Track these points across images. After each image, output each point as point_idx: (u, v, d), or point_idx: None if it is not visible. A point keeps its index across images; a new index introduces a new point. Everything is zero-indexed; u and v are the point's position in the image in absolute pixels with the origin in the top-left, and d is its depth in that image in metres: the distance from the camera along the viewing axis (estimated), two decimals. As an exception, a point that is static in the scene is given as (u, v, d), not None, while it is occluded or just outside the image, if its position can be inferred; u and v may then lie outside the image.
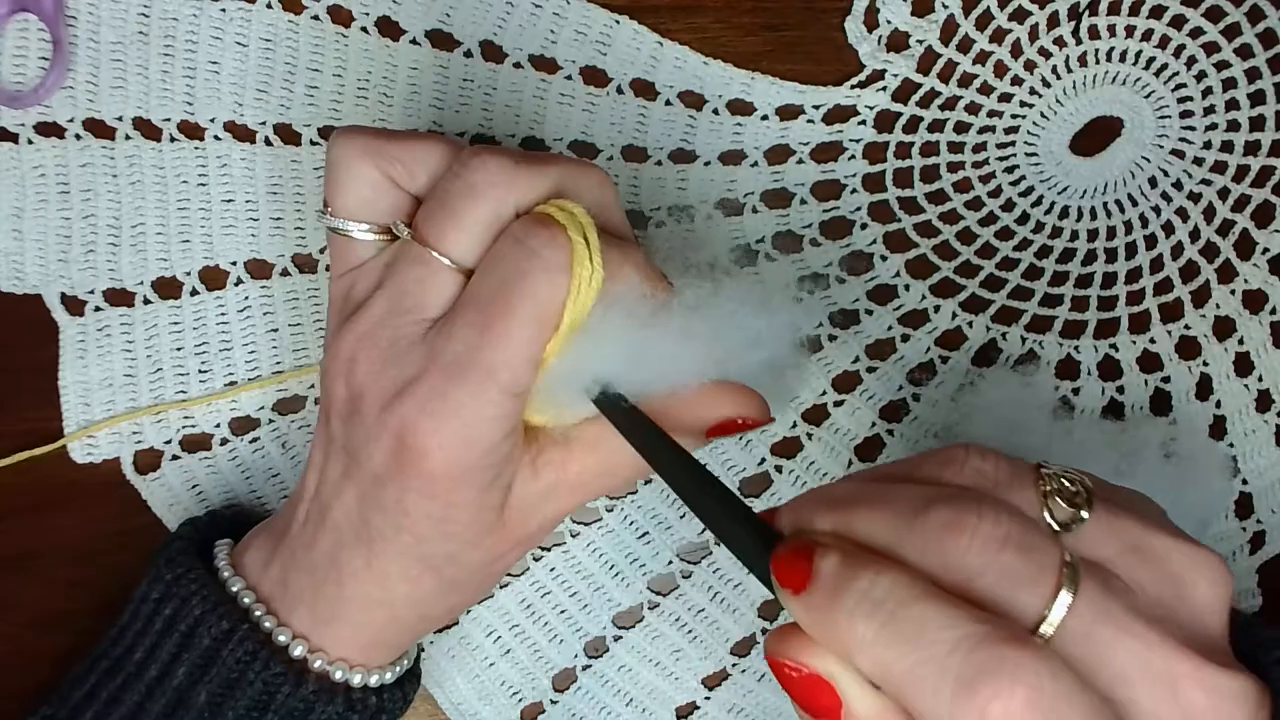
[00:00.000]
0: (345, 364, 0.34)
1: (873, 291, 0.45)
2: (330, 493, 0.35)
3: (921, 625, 0.24)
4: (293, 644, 0.35)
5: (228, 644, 0.35)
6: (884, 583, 0.25)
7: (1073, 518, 0.27)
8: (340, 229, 0.35)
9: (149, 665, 0.35)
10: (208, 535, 0.39)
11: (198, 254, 0.44)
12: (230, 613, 0.35)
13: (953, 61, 0.44)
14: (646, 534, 0.44)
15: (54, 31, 0.43)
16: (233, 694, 0.34)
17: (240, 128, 0.44)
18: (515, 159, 0.33)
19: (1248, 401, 0.44)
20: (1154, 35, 0.44)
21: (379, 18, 0.44)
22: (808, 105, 0.44)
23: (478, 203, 0.33)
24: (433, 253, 0.33)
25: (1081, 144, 0.44)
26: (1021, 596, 0.25)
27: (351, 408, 0.34)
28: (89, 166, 0.44)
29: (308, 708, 0.35)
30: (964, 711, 0.23)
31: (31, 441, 0.43)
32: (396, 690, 0.37)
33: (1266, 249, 0.44)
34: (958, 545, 0.25)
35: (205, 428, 0.44)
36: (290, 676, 0.34)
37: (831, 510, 0.28)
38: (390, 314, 0.33)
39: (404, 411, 0.32)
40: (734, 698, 0.44)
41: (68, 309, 0.44)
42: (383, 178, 0.34)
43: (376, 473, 0.33)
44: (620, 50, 0.44)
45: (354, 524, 0.34)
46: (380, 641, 0.36)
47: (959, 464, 0.28)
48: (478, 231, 0.33)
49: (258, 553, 0.37)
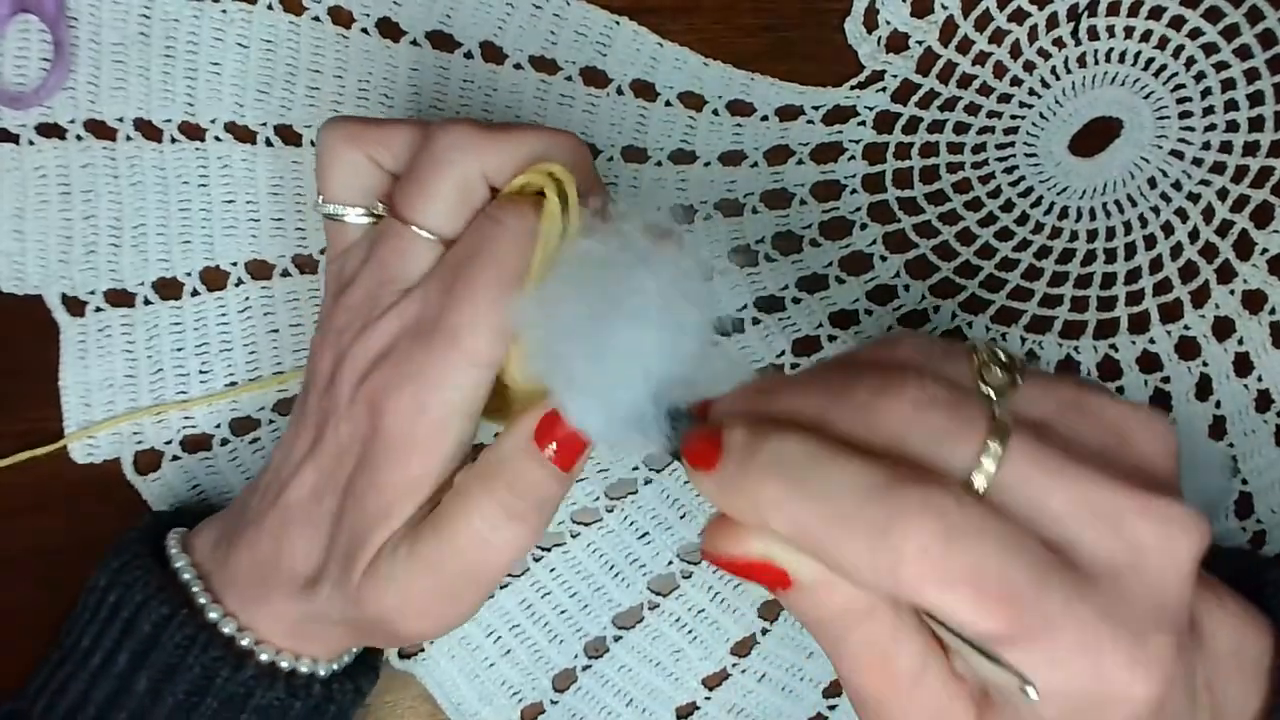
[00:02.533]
0: (334, 336, 0.34)
1: (872, 292, 0.45)
2: (290, 470, 0.35)
3: (830, 479, 0.24)
4: (222, 621, 0.35)
5: (166, 628, 0.35)
6: (791, 443, 0.25)
7: (1007, 383, 0.26)
8: (333, 214, 0.36)
9: (94, 653, 0.36)
10: (172, 526, 0.39)
11: (198, 255, 0.44)
12: (171, 598, 0.35)
13: (952, 62, 0.44)
14: (646, 534, 0.44)
15: (55, 33, 0.43)
16: (172, 679, 0.34)
17: (241, 129, 0.44)
18: (481, 127, 0.34)
19: (1247, 401, 0.44)
20: (1153, 36, 0.44)
21: (379, 19, 0.44)
22: (807, 106, 0.44)
23: (444, 170, 0.33)
24: (411, 226, 0.34)
25: (1081, 145, 0.44)
26: (949, 453, 0.25)
27: (331, 378, 0.34)
28: (90, 167, 0.44)
29: (247, 692, 0.35)
30: (881, 557, 0.23)
31: (32, 442, 0.43)
32: (348, 682, 0.37)
33: (1265, 249, 0.44)
34: (884, 408, 0.25)
35: (206, 428, 0.44)
36: (229, 660, 0.34)
37: (759, 394, 0.28)
38: (374, 286, 0.34)
39: (377, 376, 0.33)
40: (734, 698, 0.44)
41: (69, 309, 0.44)
42: (366, 160, 0.35)
43: (340, 447, 0.34)
44: (620, 51, 0.44)
45: (304, 502, 0.34)
46: (303, 632, 0.35)
47: (892, 345, 0.28)
48: (447, 199, 0.34)
49: (209, 533, 0.37)
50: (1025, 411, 0.26)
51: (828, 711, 0.44)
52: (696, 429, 0.27)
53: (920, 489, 0.24)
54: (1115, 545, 0.25)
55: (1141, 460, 0.26)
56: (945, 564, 0.23)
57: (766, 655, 0.44)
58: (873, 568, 0.24)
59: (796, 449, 0.25)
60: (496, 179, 0.34)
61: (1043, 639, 0.24)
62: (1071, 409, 0.26)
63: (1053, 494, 0.25)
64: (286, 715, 0.35)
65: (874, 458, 0.25)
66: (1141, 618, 0.24)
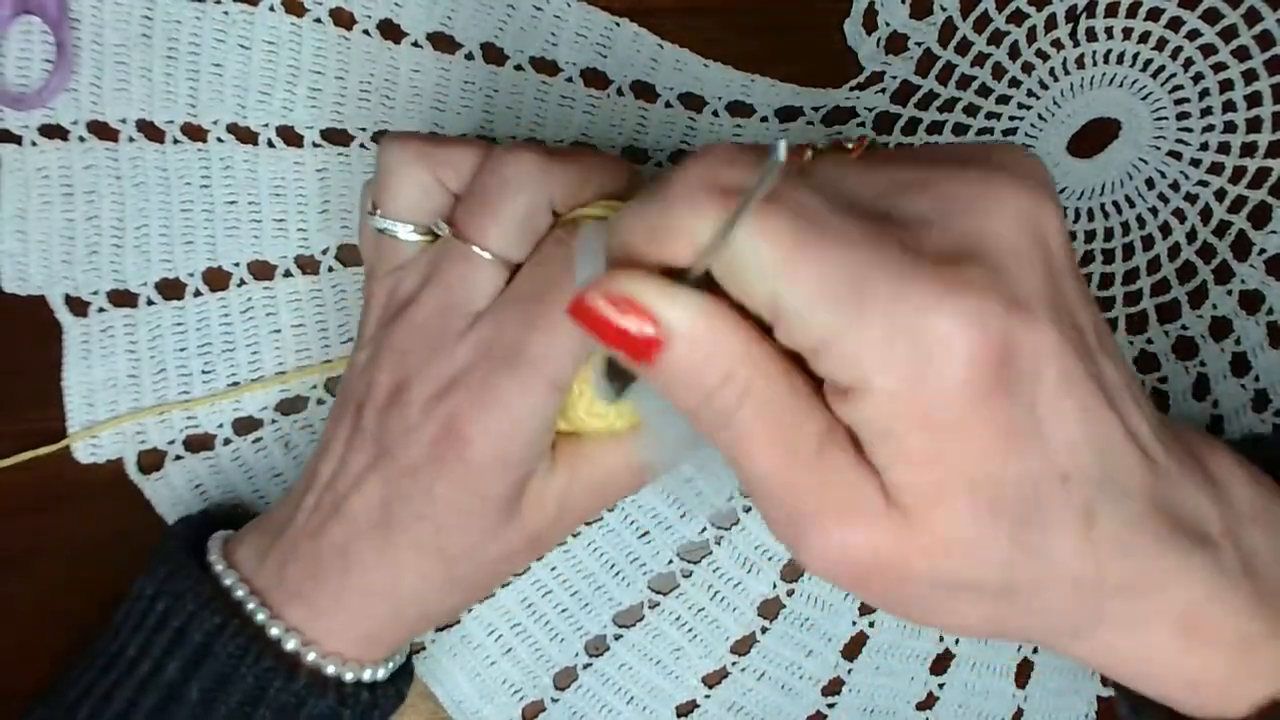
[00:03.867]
0: (397, 355, 0.35)
1: (872, 292, 0.45)
2: (349, 483, 0.35)
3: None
4: (285, 636, 0.35)
5: (219, 638, 0.35)
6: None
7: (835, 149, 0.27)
8: (389, 230, 0.36)
9: (141, 661, 0.35)
10: (203, 532, 0.39)
11: (201, 255, 0.44)
12: (222, 608, 0.35)
13: (951, 63, 0.44)
14: (647, 533, 0.44)
15: (58, 34, 0.43)
16: (224, 689, 0.35)
17: (243, 130, 0.44)
18: (548, 152, 0.34)
19: (1244, 401, 0.44)
20: (1151, 37, 0.44)
21: (381, 20, 0.44)
22: (807, 107, 0.44)
23: (514, 196, 0.34)
24: (474, 248, 0.34)
25: (1079, 145, 0.45)
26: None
27: (393, 398, 0.34)
28: (93, 168, 0.44)
29: (299, 702, 0.35)
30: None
31: (35, 441, 0.43)
32: (390, 686, 0.37)
33: (1263, 249, 0.44)
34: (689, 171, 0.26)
35: (208, 428, 0.44)
36: (282, 671, 0.35)
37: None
38: (440, 308, 0.34)
39: (454, 401, 0.33)
40: (734, 696, 0.44)
41: (71, 310, 0.44)
42: (433, 180, 0.35)
43: (412, 463, 0.34)
44: (620, 52, 0.44)
45: (372, 514, 0.35)
46: (376, 636, 0.36)
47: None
48: (515, 224, 0.34)
49: (253, 546, 0.37)
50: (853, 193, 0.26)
51: (827, 710, 0.44)
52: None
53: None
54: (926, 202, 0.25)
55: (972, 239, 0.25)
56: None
57: (766, 653, 0.44)
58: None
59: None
60: (560, 205, 0.35)
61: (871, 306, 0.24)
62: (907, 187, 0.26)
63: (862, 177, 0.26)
64: None
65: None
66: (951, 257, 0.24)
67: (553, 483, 0.35)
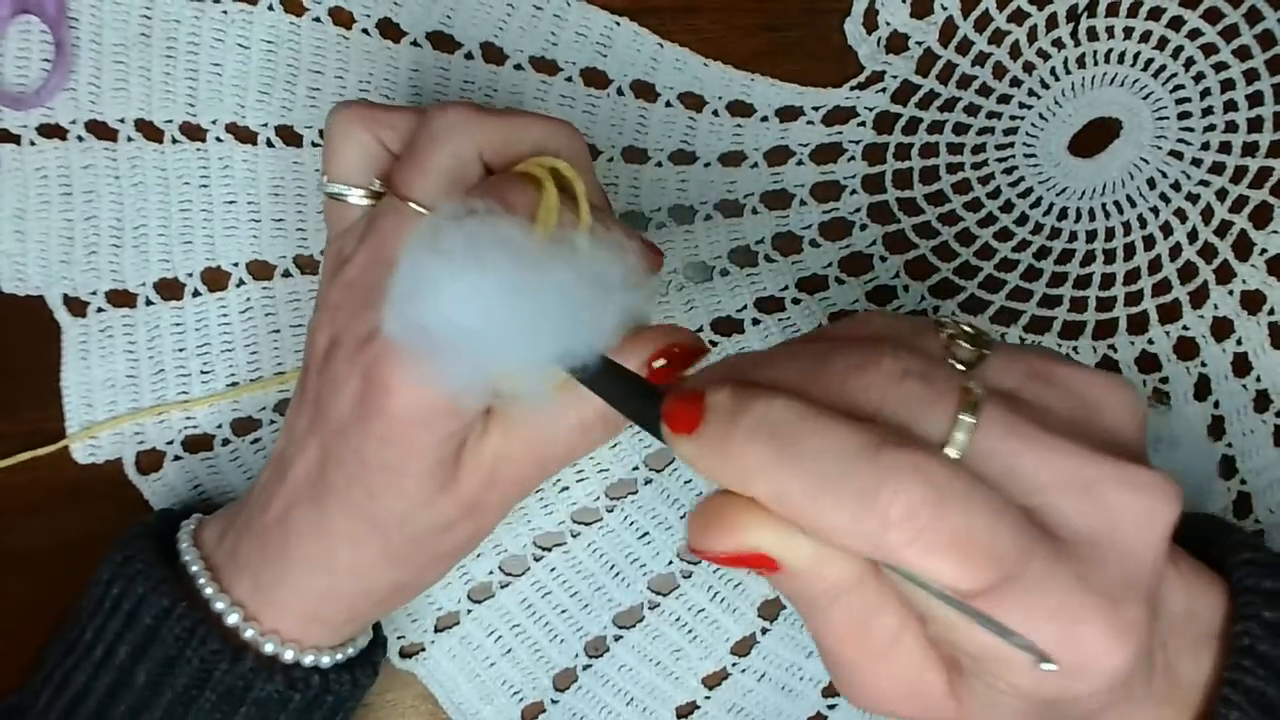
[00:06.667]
0: (330, 313, 0.35)
1: (872, 293, 0.45)
2: (294, 450, 0.35)
3: (816, 442, 0.24)
4: (228, 610, 0.35)
5: (167, 621, 0.35)
6: (777, 406, 0.25)
7: (976, 355, 0.27)
8: (336, 194, 0.36)
9: (96, 645, 0.36)
10: (179, 523, 0.39)
11: (200, 255, 0.44)
12: (171, 590, 0.35)
13: (952, 63, 0.44)
14: (647, 534, 0.44)
15: (56, 34, 0.43)
16: (171, 672, 0.35)
17: (242, 129, 0.44)
18: (476, 107, 0.35)
19: (1246, 401, 0.44)
20: (1152, 37, 0.44)
21: (380, 19, 0.44)
22: (807, 107, 0.44)
23: (439, 147, 0.34)
24: (405, 201, 0.34)
25: (1080, 145, 0.44)
26: (924, 421, 0.25)
27: (328, 356, 0.34)
28: (91, 168, 0.44)
29: (246, 685, 0.35)
30: (867, 520, 0.23)
31: (34, 442, 0.43)
32: (344, 674, 0.37)
33: (1264, 250, 0.44)
34: (861, 381, 0.25)
35: (207, 428, 0.44)
36: (228, 653, 0.35)
37: (736, 366, 0.28)
38: (371, 263, 0.34)
39: (375, 350, 0.33)
40: (734, 697, 0.44)
41: (70, 310, 0.44)
42: (374, 140, 0.36)
43: (341, 419, 0.34)
44: (620, 52, 0.44)
45: (311, 479, 0.35)
46: (317, 614, 0.36)
47: (863, 323, 0.28)
48: (442, 175, 0.34)
49: (217, 524, 0.37)
50: (995, 382, 0.26)
51: (827, 711, 0.44)
52: (679, 390, 0.27)
53: (907, 453, 0.24)
54: (1091, 513, 0.25)
55: (1111, 427, 0.26)
56: (932, 527, 0.23)
57: (766, 655, 0.44)
58: (857, 531, 0.24)
59: (783, 411, 0.25)
60: (493, 160, 0.35)
61: (1022, 604, 0.24)
62: (1039, 379, 0.26)
63: (1026, 461, 0.25)
64: (285, 708, 0.36)
65: (859, 422, 0.25)
66: (1117, 586, 0.24)
67: (486, 444, 0.34)
